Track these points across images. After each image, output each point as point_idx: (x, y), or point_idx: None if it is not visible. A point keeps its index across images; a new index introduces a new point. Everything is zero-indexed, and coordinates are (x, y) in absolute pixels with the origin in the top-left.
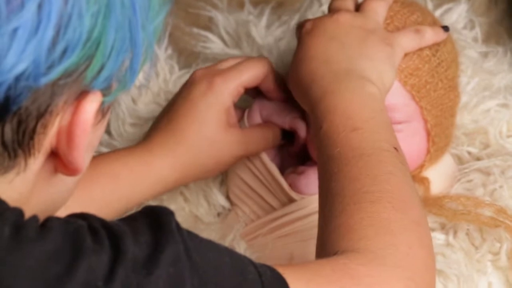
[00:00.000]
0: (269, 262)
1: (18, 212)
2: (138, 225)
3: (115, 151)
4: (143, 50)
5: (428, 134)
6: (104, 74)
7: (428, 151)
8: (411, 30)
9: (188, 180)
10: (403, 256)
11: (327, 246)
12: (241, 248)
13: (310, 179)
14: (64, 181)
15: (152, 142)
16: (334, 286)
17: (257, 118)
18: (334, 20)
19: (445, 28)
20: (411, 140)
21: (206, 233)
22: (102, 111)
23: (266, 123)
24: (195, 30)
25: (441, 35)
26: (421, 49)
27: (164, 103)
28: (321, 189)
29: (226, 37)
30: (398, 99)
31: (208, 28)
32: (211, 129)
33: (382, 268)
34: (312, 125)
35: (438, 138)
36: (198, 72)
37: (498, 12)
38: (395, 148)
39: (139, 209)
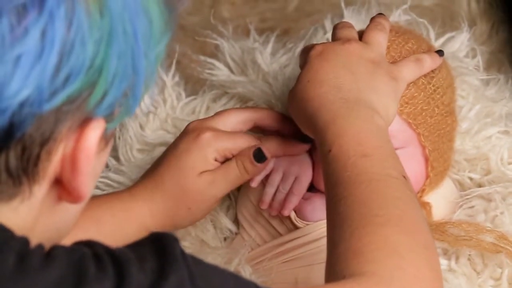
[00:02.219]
0: (274, 287)
1: (24, 240)
2: (143, 251)
3: (101, 196)
4: (146, 78)
5: (427, 159)
6: (107, 101)
7: (428, 176)
8: (412, 60)
9: (170, 227)
10: (411, 278)
11: (335, 270)
12: (246, 272)
13: (316, 205)
14: (69, 209)
15: (136, 187)
16: None
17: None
18: (345, 48)
19: (440, 53)
20: (408, 165)
21: (212, 257)
22: (106, 138)
23: (237, 154)
24: (202, 57)
25: (437, 61)
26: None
27: (171, 129)
28: (329, 213)
29: (232, 64)
30: (394, 126)
31: (214, 55)
32: (185, 176)
33: None
34: (319, 148)
35: (437, 163)
36: (192, 124)
37: (499, 41)
38: (404, 177)
39: (146, 235)
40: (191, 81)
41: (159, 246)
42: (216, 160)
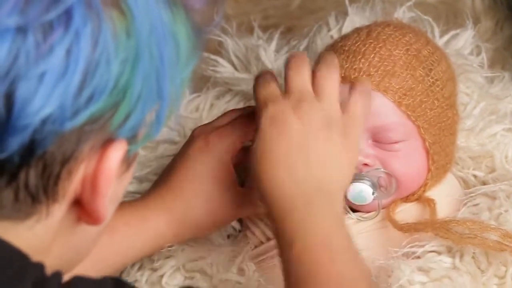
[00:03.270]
0: (277, 284)
1: (40, 267)
2: None
3: None
4: (170, 102)
5: (427, 152)
6: (130, 123)
7: (429, 169)
8: (357, 92)
9: (185, 237)
10: None
11: None
12: (250, 270)
13: None
14: (87, 231)
15: (150, 197)
16: None
17: None
18: (298, 116)
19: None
20: (410, 158)
21: (216, 255)
22: (128, 161)
23: None
24: (206, 54)
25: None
26: (414, 69)
27: (174, 126)
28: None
29: (235, 61)
30: (393, 118)
31: (218, 52)
32: (206, 186)
33: None
34: (276, 237)
35: (438, 156)
36: (197, 129)
37: (503, 38)
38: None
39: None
40: (195, 78)
41: None
42: (231, 158)
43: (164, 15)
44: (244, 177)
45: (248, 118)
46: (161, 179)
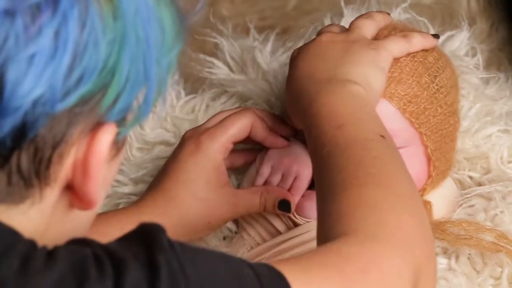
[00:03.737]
0: None
1: (31, 243)
2: (135, 248)
3: (108, 212)
4: (157, 84)
5: (429, 159)
6: (119, 105)
7: (430, 175)
8: (398, 35)
9: (180, 240)
10: (394, 229)
11: (322, 237)
12: None
13: (313, 202)
14: (80, 217)
15: (144, 202)
16: (329, 270)
17: (266, 171)
18: (317, 40)
19: (435, 36)
20: (410, 164)
21: None
22: (117, 145)
23: (265, 188)
24: (201, 56)
25: (430, 41)
26: (420, 76)
27: (170, 127)
28: (316, 189)
29: (231, 62)
30: (396, 124)
31: (214, 54)
32: (202, 189)
33: (375, 245)
34: (306, 137)
35: (439, 163)
36: (188, 132)
37: (498, 39)
38: (382, 136)
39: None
40: (191, 80)
41: (146, 239)
42: (223, 158)
43: None
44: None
45: (238, 118)
46: (155, 183)
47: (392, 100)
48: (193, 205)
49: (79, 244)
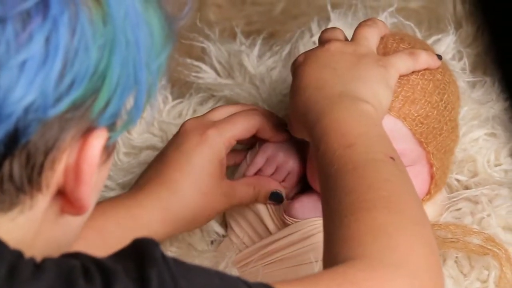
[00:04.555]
0: None
1: (17, 253)
2: (127, 261)
3: (103, 203)
4: (147, 88)
5: (432, 177)
6: (110, 110)
7: (429, 192)
8: (405, 52)
9: (178, 232)
10: (403, 256)
11: (330, 259)
12: (233, 275)
13: (304, 203)
14: (71, 223)
15: (142, 193)
16: None
17: (260, 161)
18: (325, 49)
19: (439, 57)
20: (413, 183)
21: (199, 261)
22: (107, 149)
23: (258, 179)
24: (188, 60)
25: (435, 60)
26: (430, 95)
27: (157, 132)
28: (322, 208)
29: (218, 67)
30: (407, 145)
31: (201, 58)
32: (205, 181)
33: (383, 271)
34: (311, 150)
35: (440, 180)
36: (189, 122)
37: (484, 43)
38: (392, 158)
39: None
40: (178, 84)
41: (140, 253)
42: (226, 152)
43: (137, 3)
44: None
45: (247, 119)
46: (153, 172)
47: (405, 121)
48: (195, 198)
49: (69, 256)
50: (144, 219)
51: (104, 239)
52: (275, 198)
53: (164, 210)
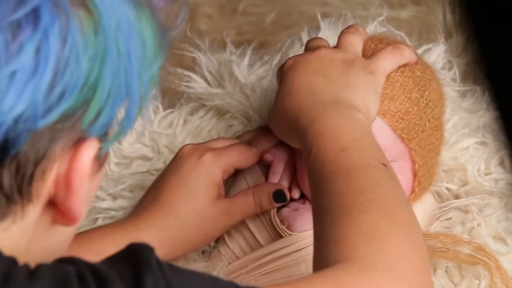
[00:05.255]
0: None
1: (11, 260)
2: (121, 266)
3: (102, 227)
4: (139, 98)
5: (415, 174)
6: (101, 120)
7: (413, 191)
8: (388, 50)
9: (177, 254)
10: (393, 260)
11: (320, 261)
12: None
13: (304, 216)
14: (62, 233)
15: (139, 217)
16: None
17: (280, 168)
18: (316, 55)
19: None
20: None
21: None
22: (99, 160)
23: (256, 187)
24: (179, 70)
25: (414, 54)
26: (410, 92)
27: (148, 142)
28: (313, 210)
29: (209, 76)
30: (388, 140)
31: (191, 68)
32: (201, 202)
33: (373, 274)
34: (302, 153)
35: (424, 178)
36: (187, 147)
37: (474, 53)
38: (383, 164)
39: (123, 248)
40: (169, 94)
41: (134, 259)
42: (223, 178)
43: (129, 13)
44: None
45: (245, 149)
46: (151, 197)
47: (384, 117)
48: (192, 220)
49: (64, 262)
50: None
51: None
52: (279, 197)
53: (160, 231)
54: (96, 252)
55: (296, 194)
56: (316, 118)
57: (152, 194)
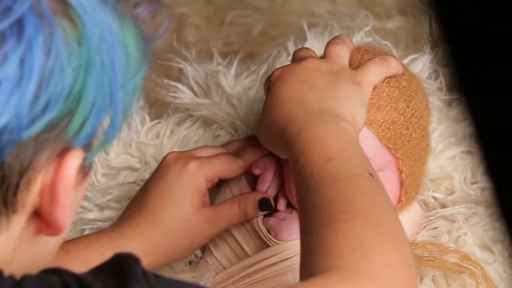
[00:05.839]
0: None
1: None
2: (107, 277)
3: (87, 236)
4: (123, 108)
5: (402, 184)
6: (86, 130)
7: (400, 200)
8: (375, 62)
9: (162, 263)
10: (378, 268)
11: (307, 270)
12: None
13: (291, 226)
14: (47, 244)
15: (124, 225)
16: None
17: (269, 177)
18: (303, 66)
19: None
20: None
21: None
22: (84, 170)
23: (242, 196)
24: (166, 81)
25: (401, 65)
26: (396, 102)
27: (135, 153)
28: (300, 220)
29: (195, 87)
30: (373, 149)
31: (178, 79)
32: (185, 210)
33: (358, 283)
34: (290, 164)
35: (411, 188)
36: (172, 155)
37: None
38: (370, 174)
39: (109, 258)
40: (155, 105)
41: (120, 269)
42: (207, 187)
43: (112, 23)
44: None
45: (230, 160)
46: (136, 205)
47: (371, 127)
48: (176, 228)
49: (49, 273)
50: (126, 249)
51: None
52: (265, 205)
53: (145, 239)
54: (82, 260)
55: (282, 205)
56: (304, 128)
57: (137, 202)
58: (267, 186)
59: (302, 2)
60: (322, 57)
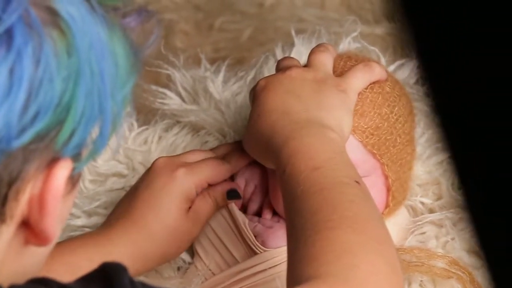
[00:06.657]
0: None
1: None
2: (94, 286)
3: (73, 240)
4: (113, 118)
5: (388, 189)
6: (75, 140)
7: (387, 205)
8: (359, 68)
9: (150, 268)
10: (366, 274)
11: (293, 279)
12: None
13: (278, 233)
14: (35, 253)
15: (112, 230)
16: None
17: (242, 181)
18: (287, 75)
19: None
20: None
21: None
22: (72, 180)
23: (211, 187)
24: (154, 87)
25: (385, 71)
26: (380, 108)
27: (123, 159)
28: (287, 229)
29: (183, 93)
30: (358, 156)
31: (166, 85)
32: (173, 217)
33: None
34: (276, 173)
35: (398, 193)
36: (160, 160)
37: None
38: (357, 182)
39: (96, 267)
40: (143, 111)
41: (107, 278)
42: (196, 193)
43: (102, 33)
44: None
45: (219, 164)
46: (123, 209)
47: (355, 133)
48: (164, 234)
49: (36, 283)
50: (114, 256)
51: (75, 275)
52: (232, 195)
53: (133, 246)
54: (69, 264)
55: (267, 214)
56: (290, 137)
57: (124, 207)
58: (251, 194)
59: (291, 7)
60: (306, 66)
